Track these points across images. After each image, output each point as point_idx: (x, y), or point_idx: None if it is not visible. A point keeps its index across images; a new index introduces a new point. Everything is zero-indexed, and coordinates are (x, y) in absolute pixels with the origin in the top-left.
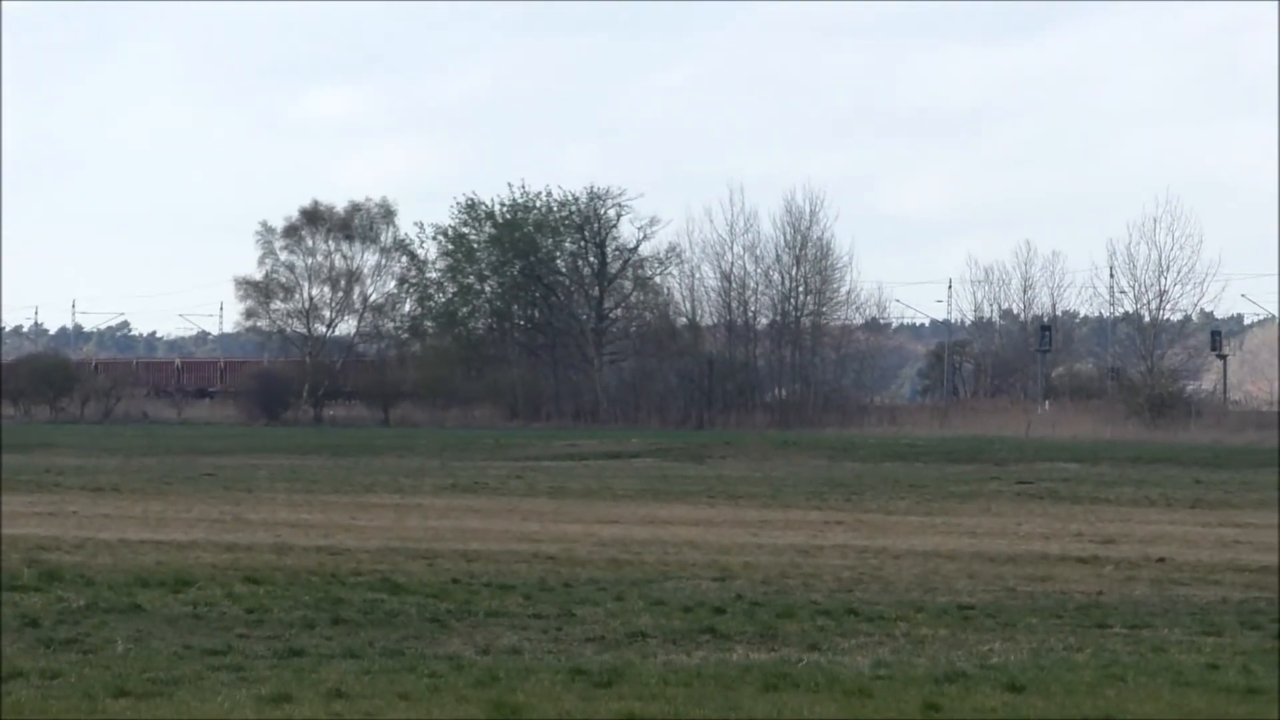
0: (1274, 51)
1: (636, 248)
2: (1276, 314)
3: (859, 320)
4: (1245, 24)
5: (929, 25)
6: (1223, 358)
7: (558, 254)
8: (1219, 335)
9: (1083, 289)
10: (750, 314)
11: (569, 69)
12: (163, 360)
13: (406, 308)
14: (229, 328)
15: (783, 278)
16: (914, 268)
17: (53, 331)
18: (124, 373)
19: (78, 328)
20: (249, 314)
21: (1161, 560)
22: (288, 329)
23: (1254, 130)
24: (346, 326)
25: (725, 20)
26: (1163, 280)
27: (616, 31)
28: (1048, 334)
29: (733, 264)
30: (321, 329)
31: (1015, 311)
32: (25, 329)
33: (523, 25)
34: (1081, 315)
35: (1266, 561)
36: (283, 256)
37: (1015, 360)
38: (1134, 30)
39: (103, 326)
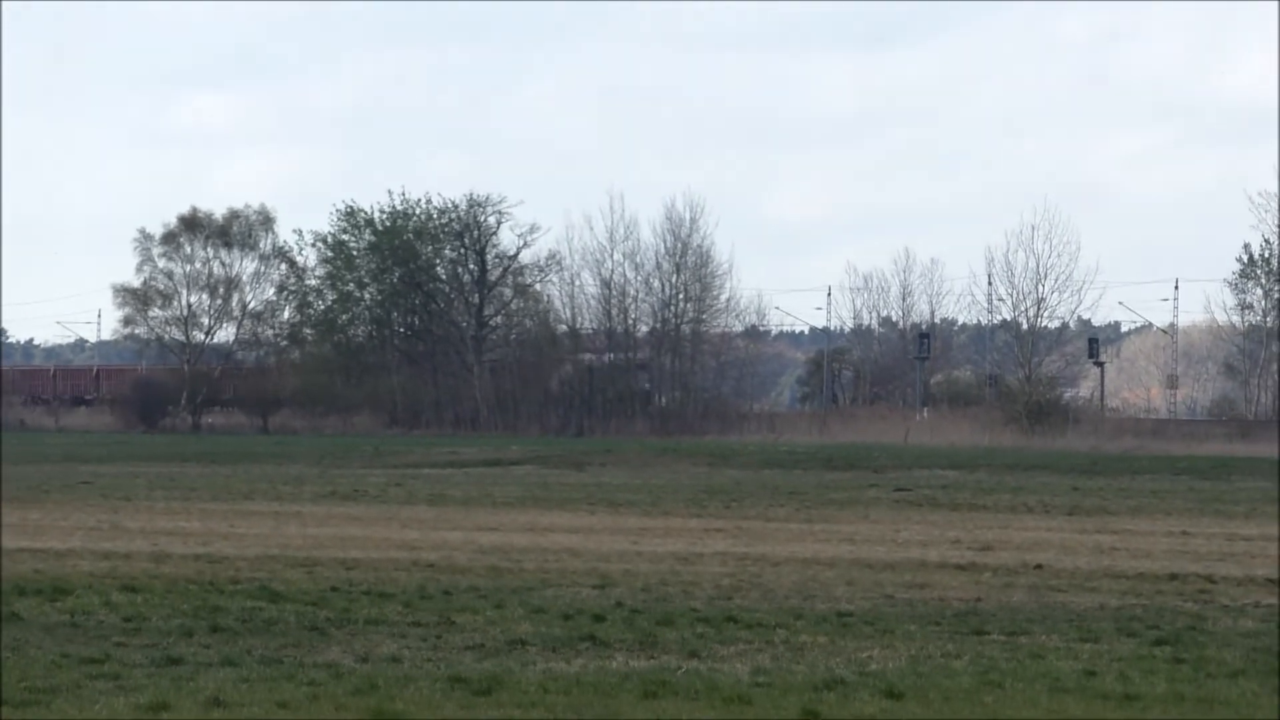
0: (1150, 58)
1: (516, 255)
2: (1153, 321)
3: (739, 327)
4: (1120, 31)
5: (809, 34)
6: (1100, 365)
7: (437, 261)
8: (1096, 343)
9: (961, 296)
10: (630, 321)
11: (448, 76)
12: (39, 368)
13: (285, 315)
14: (107, 335)
15: (663, 285)
16: (793, 275)
17: None
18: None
19: None
20: (127, 321)
21: (1039, 567)
22: (166, 336)
23: (1131, 137)
24: (225, 334)
25: (604, 28)
26: (1040, 288)
27: (496, 39)
28: (926, 341)
29: (613, 271)
30: (200, 336)
31: (894, 319)
32: None
33: (402, 32)
34: (960, 323)
35: (1143, 568)
36: (161, 264)
37: (894, 367)
38: (1011, 37)
39: None
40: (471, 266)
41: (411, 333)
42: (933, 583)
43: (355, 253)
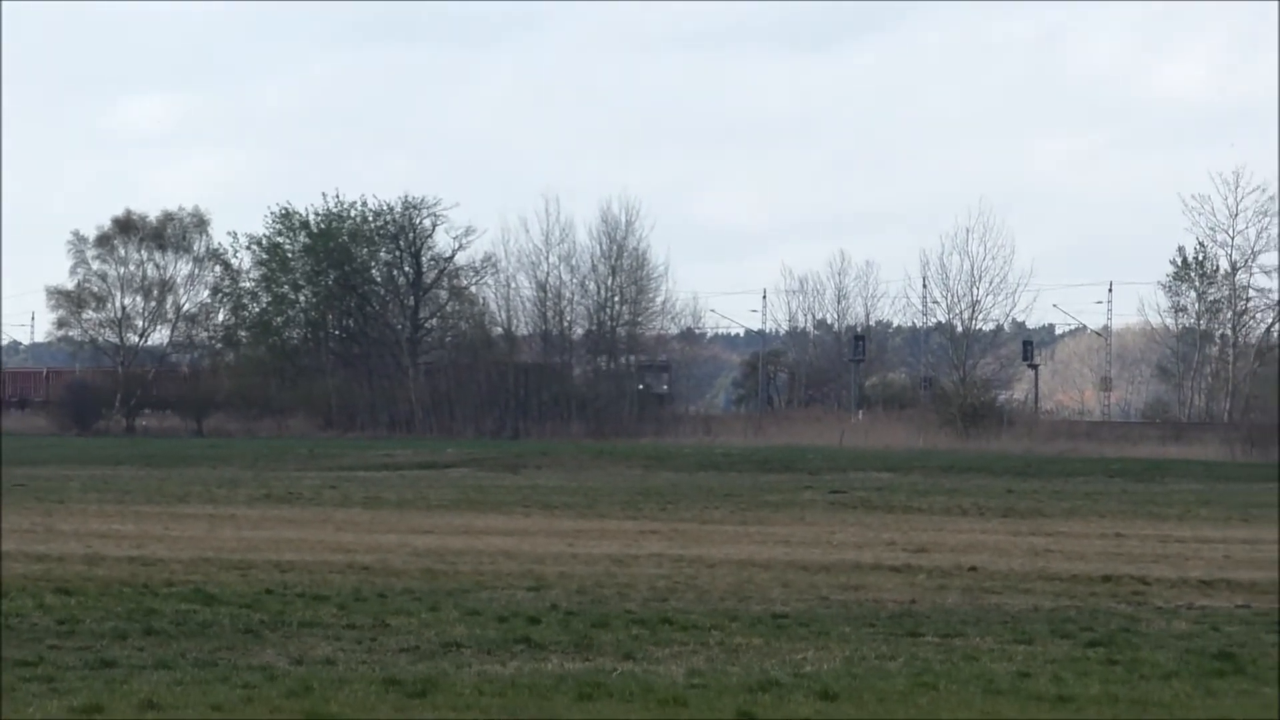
0: (1084, 61)
1: (452, 257)
2: (1087, 324)
3: (674, 330)
4: (1054, 34)
5: (746, 36)
6: (1034, 367)
7: (373, 264)
8: (1030, 345)
9: (896, 299)
10: (566, 324)
11: (382, 79)
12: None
13: (220, 317)
14: (40, 337)
15: (598, 287)
16: (729, 278)
17: None
18: None
19: None
20: (61, 324)
21: (973, 569)
22: (100, 338)
23: (1065, 140)
24: (159, 336)
25: (537, 30)
26: (975, 290)
27: (429, 42)
28: (861, 344)
29: (548, 274)
30: (134, 339)
31: (829, 321)
32: None
33: (335, 35)
34: (895, 325)
35: (1077, 570)
36: (95, 266)
37: (829, 370)
38: (946, 40)
39: None
40: (407, 269)
41: (346, 335)
42: (868, 584)
43: (290, 255)
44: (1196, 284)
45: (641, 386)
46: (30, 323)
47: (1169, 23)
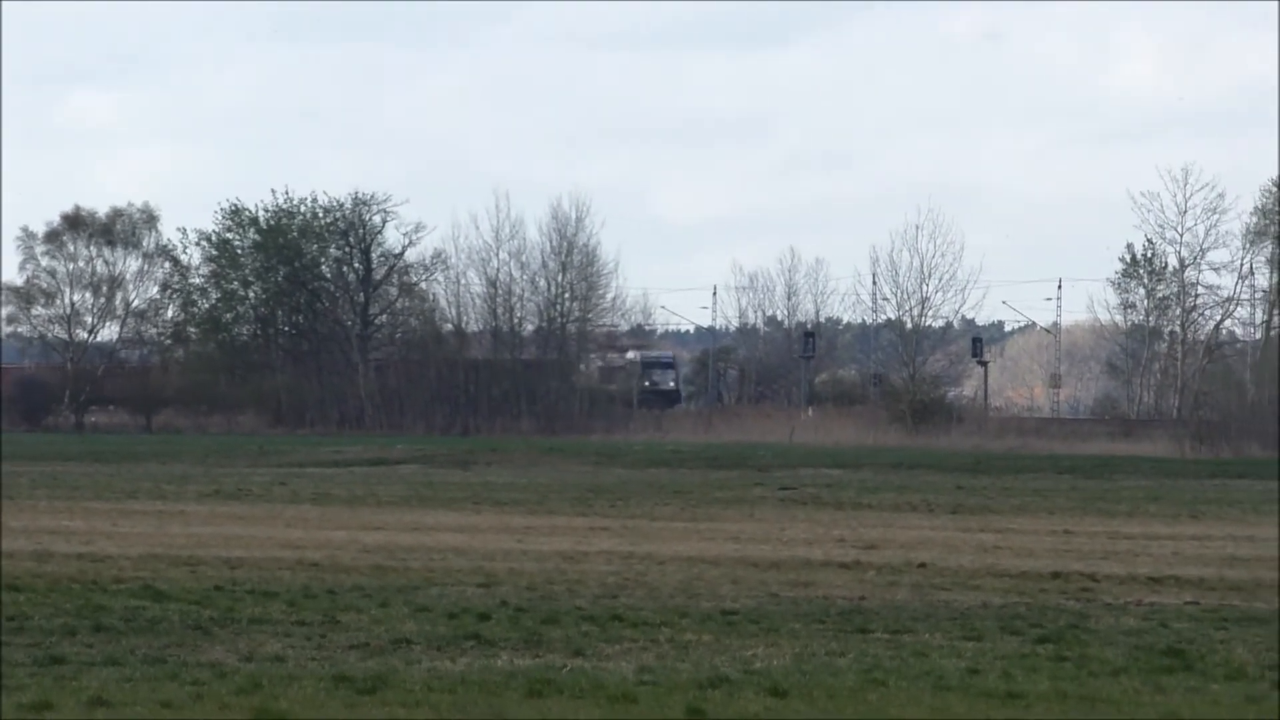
0: (1033, 58)
1: (402, 254)
2: (1037, 321)
3: (624, 326)
4: (1002, 31)
5: (695, 33)
6: (983, 364)
7: (322, 260)
8: (980, 342)
9: (846, 296)
10: (516, 320)
11: (332, 75)
12: None
13: (170, 313)
14: None
15: (549, 284)
16: (679, 274)
17: None
18: None
19: None
20: (9, 320)
21: (923, 565)
22: (49, 335)
23: (1014, 137)
24: (109, 332)
25: (488, 27)
26: (924, 287)
27: (380, 38)
28: (811, 340)
29: (498, 270)
30: (83, 335)
31: (779, 318)
32: None
33: (285, 31)
34: (845, 322)
35: (1026, 566)
36: (44, 262)
37: (779, 367)
38: (894, 38)
39: None
40: (356, 265)
41: (296, 331)
42: (817, 581)
43: (240, 251)
44: (1145, 281)
45: (647, 383)
46: None
47: (1118, 20)
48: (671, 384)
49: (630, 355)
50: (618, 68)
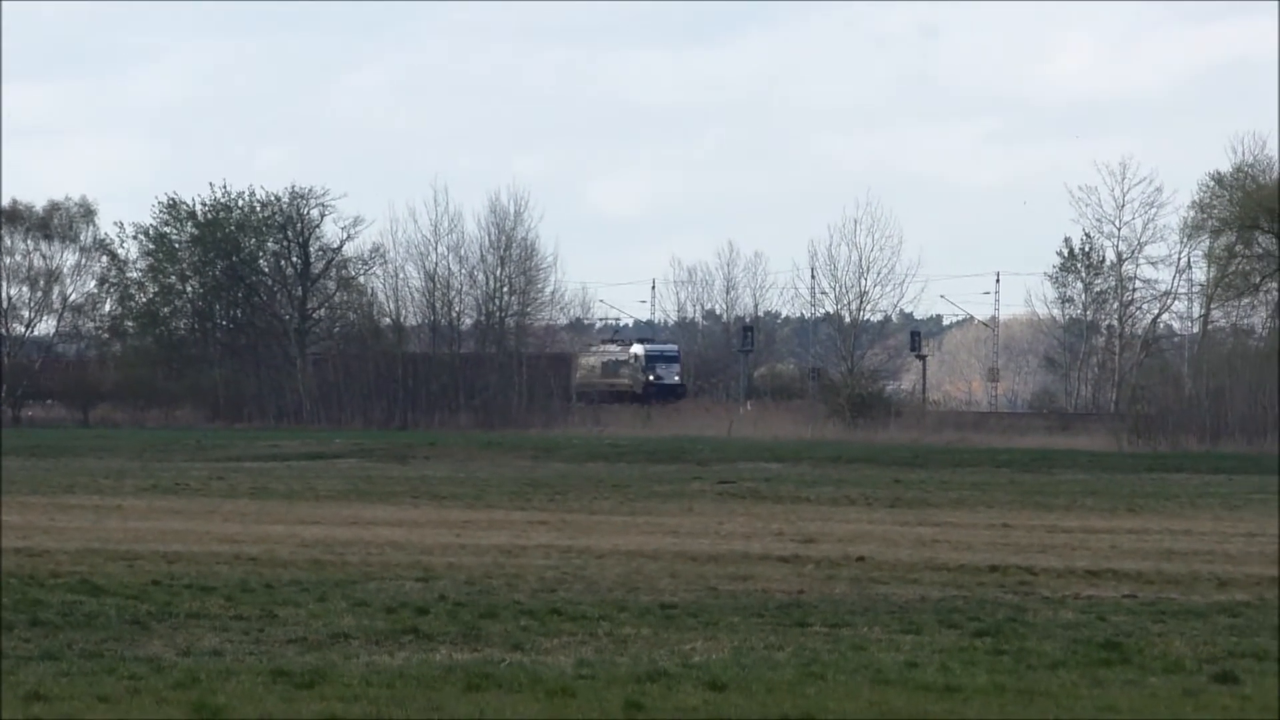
0: (969, 53)
1: (340, 248)
2: (975, 314)
3: (563, 320)
4: (939, 26)
5: (633, 28)
6: (921, 358)
7: (260, 254)
8: (918, 336)
9: (784, 290)
10: (454, 314)
11: (268, 68)
12: None
13: (107, 308)
14: None
15: (487, 278)
16: (618, 268)
17: None
18: None
19: None
20: None
21: (861, 559)
22: None
23: (951, 132)
24: (45, 326)
25: (423, 20)
26: (863, 281)
27: (317, 30)
28: (750, 334)
29: (437, 264)
30: (20, 329)
31: (718, 312)
32: None
33: (221, 24)
34: (783, 316)
35: (964, 560)
36: None
37: (718, 360)
38: (832, 31)
39: None
40: (294, 259)
41: (234, 325)
42: (756, 575)
43: (177, 245)
44: (1083, 275)
45: (651, 377)
46: None
47: (1054, 15)
48: (676, 378)
49: (635, 349)
50: (556, 62)
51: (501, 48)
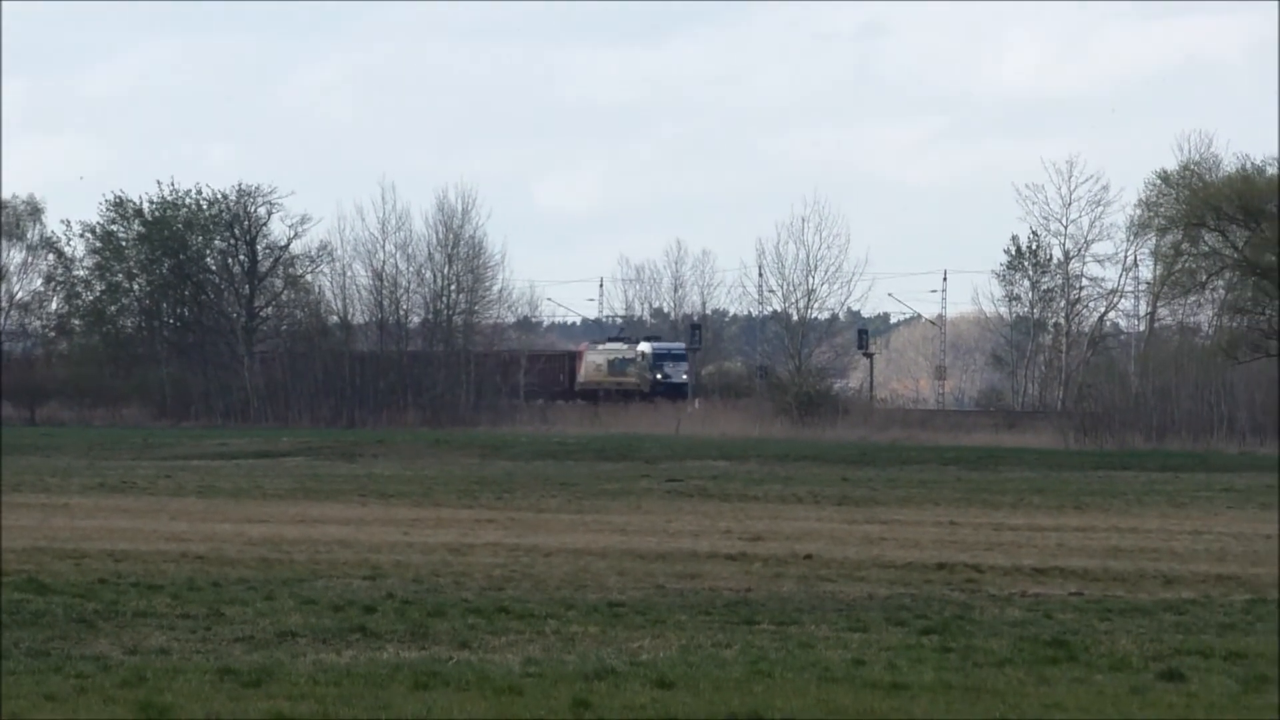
0: (916, 51)
1: (287, 246)
2: (922, 313)
3: (511, 318)
4: (884, 26)
5: (581, 26)
6: (869, 356)
7: (208, 252)
8: (865, 334)
9: (732, 288)
10: (402, 312)
11: (215, 66)
12: None
13: (53, 306)
14: None
15: (435, 276)
16: (566, 266)
17: None
18: None
19: None
20: None
21: (809, 557)
22: None
23: (899, 130)
24: None
25: (375, 17)
26: (810, 279)
27: (265, 29)
28: (697, 332)
29: (384, 262)
30: None
31: (666, 310)
32: None
33: (167, 23)
34: (731, 314)
35: (911, 558)
36: None
37: None
38: (779, 30)
39: None
40: (242, 257)
41: (181, 324)
42: (704, 573)
43: (124, 243)
44: (1030, 273)
45: (659, 376)
46: None
47: (1000, 14)
48: (684, 376)
49: (642, 347)
50: (505, 60)
51: (450, 46)
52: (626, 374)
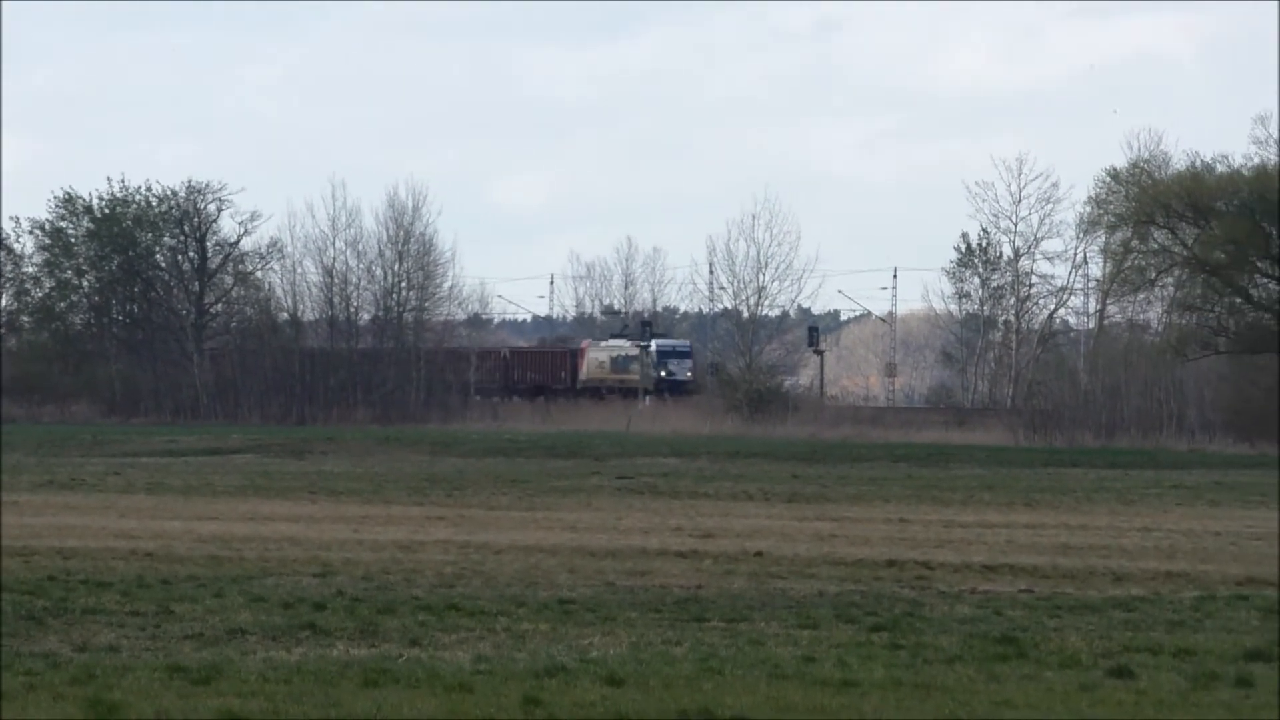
0: (867, 50)
1: (237, 243)
2: (872, 310)
3: (461, 316)
4: (835, 23)
5: (532, 23)
6: (819, 353)
7: (157, 249)
8: (816, 331)
9: (683, 285)
10: (352, 309)
11: (166, 63)
12: None
13: (2, 303)
14: None
15: (385, 273)
16: (516, 264)
17: None
18: None
19: None
20: None
21: (759, 554)
22: None
23: (850, 128)
24: None
25: (326, 13)
26: (761, 276)
27: (214, 24)
28: (648, 330)
29: (335, 259)
30: None
31: (616, 307)
32: None
33: (120, 19)
34: (682, 311)
35: (861, 555)
36: None
37: None
38: (730, 28)
39: None
40: (192, 254)
41: (131, 320)
42: (654, 570)
43: (74, 240)
44: (980, 270)
45: (663, 373)
46: None
47: (951, 13)
48: (689, 374)
49: (646, 344)
50: (456, 57)
51: (401, 43)
52: (630, 371)
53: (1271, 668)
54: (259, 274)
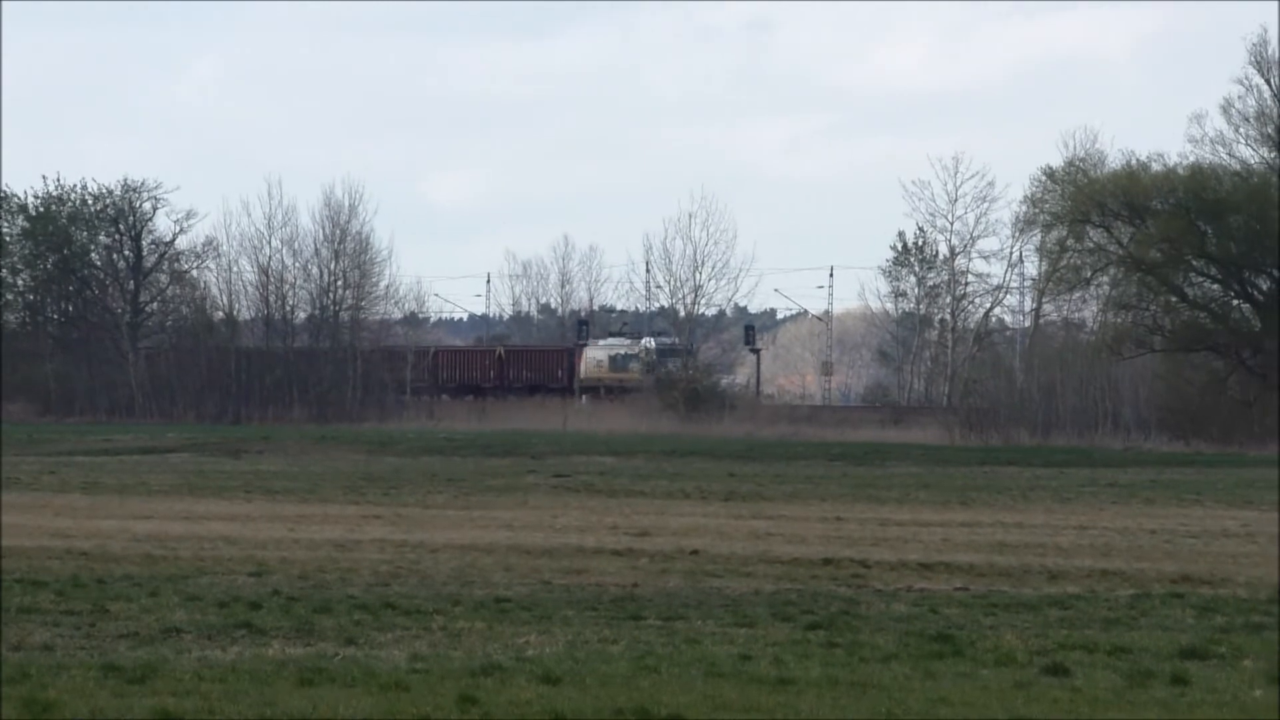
0: (802, 47)
1: (173, 241)
2: (809, 308)
3: (398, 314)
4: (767, 21)
5: (467, 20)
6: (756, 352)
7: (92, 247)
8: (752, 330)
9: (620, 284)
10: (288, 308)
11: (100, 60)
12: None
13: None
14: None
15: (321, 272)
16: (453, 262)
17: None
18: None
19: None
20: None
21: (695, 552)
22: None
23: (784, 126)
24: None
25: (261, 11)
26: (698, 275)
27: (148, 20)
28: (585, 328)
29: (270, 258)
30: None
31: (553, 305)
32: None
33: (54, 15)
34: (618, 309)
35: (798, 553)
36: None
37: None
38: (665, 26)
39: None
40: (127, 253)
41: (65, 319)
42: (590, 568)
43: (7, 239)
44: (916, 269)
45: (663, 371)
46: None
47: (887, 10)
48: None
49: (646, 342)
50: (391, 54)
51: (335, 40)
52: (629, 370)
53: (1206, 665)
54: (194, 273)
